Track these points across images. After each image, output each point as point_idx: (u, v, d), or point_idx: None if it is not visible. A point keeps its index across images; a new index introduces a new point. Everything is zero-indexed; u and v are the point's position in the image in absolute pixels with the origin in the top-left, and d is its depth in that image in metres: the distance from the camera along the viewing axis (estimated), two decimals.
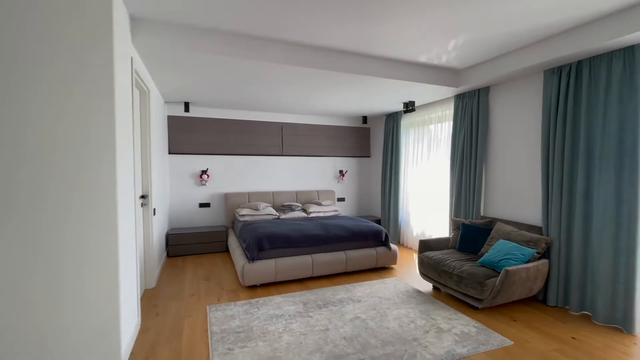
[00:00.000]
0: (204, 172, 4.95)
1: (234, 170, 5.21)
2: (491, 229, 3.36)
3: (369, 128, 6.17)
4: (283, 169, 5.53)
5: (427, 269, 3.24)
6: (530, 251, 2.77)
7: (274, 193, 5.36)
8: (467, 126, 3.81)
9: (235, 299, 3.02)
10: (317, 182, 5.82)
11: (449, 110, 4.27)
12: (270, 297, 3.04)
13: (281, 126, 5.44)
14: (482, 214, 3.75)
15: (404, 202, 5.21)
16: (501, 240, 3.01)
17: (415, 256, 4.58)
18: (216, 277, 3.62)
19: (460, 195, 3.95)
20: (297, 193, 5.51)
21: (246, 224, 4.13)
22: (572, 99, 2.77)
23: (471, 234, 3.40)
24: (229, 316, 2.66)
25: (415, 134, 4.92)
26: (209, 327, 2.48)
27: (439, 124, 4.47)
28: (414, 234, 4.93)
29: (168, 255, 4.43)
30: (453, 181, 4.07)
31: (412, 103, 4.41)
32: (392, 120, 5.31)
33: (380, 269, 3.95)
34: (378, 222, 5.72)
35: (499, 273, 2.73)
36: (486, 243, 3.24)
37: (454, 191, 4.03)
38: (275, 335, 2.37)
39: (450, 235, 3.89)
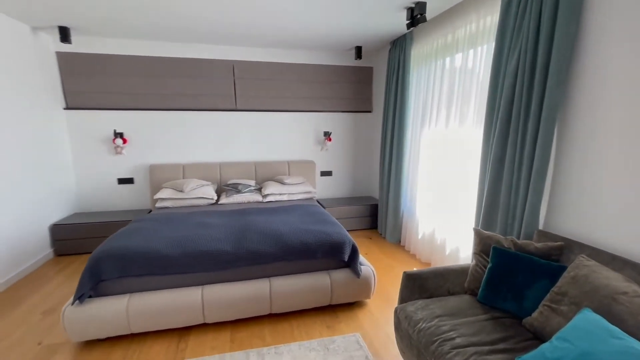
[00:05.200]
0: (118, 135, 3.50)
1: (163, 133, 3.67)
2: (562, 268, 1.51)
3: (370, 68, 4.16)
4: (238, 130, 3.87)
5: (408, 346, 1.55)
6: None
7: (222, 165, 3.78)
8: (528, 44, 1.79)
9: None
10: (289, 149, 4.10)
11: (490, 17, 2.21)
12: None
13: (232, 65, 3.69)
14: (541, 227, 1.85)
15: (408, 182, 3.36)
16: (589, 314, 1.17)
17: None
18: None
19: (498, 184, 2.04)
20: (256, 165, 3.88)
21: (138, 220, 2.67)
22: None
23: (512, 270, 1.58)
24: None
25: (430, 72, 2.91)
26: None
27: (471, 50, 2.42)
28: (419, 235, 3.13)
29: (57, 254, 3.20)
30: (487, 156, 2.14)
31: (421, 6, 2.38)
32: (397, 51, 3.29)
33: (339, 308, 2.30)
34: (376, 208, 3.96)
35: None
36: (545, 301, 1.42)
37: (486, 176, 2.12)
38: None
39: (471, 262, 2.09)
